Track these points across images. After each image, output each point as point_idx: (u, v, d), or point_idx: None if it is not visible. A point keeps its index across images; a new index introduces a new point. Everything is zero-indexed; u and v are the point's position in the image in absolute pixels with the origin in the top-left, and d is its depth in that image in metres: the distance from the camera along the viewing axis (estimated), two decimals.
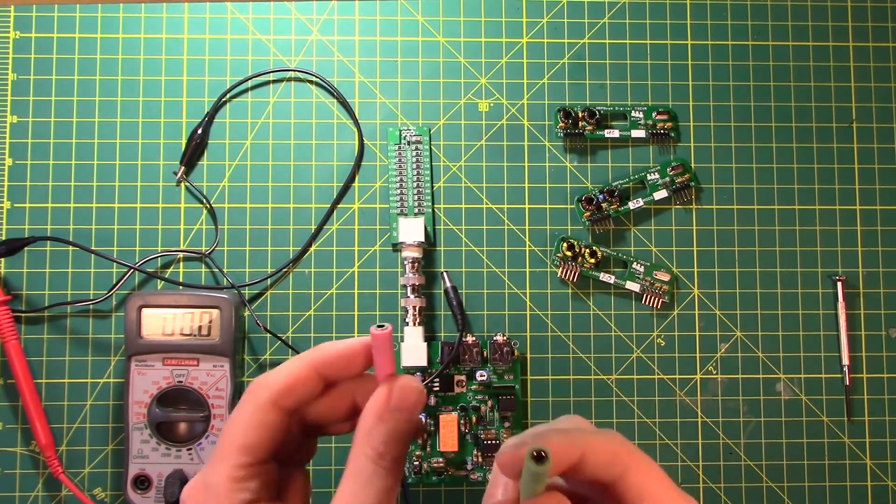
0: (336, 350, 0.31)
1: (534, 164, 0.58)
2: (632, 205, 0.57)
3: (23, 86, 0.57)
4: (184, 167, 0.56)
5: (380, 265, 0.57)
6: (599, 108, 0.58)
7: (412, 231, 0.55)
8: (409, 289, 0.55)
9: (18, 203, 0.56)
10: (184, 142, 0.57)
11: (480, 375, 0.54)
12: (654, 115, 0.58)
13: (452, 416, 0.54)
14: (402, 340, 0.54)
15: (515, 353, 0.55)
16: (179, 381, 0.52)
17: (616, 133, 0.58)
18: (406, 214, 0.57)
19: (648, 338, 0.57)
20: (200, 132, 0.57)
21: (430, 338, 0.56)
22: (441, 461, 0.54)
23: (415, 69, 0.58)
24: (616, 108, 0.58)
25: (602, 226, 0.57)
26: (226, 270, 0.56)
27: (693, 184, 0.57)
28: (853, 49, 0.59)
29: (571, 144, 0.58)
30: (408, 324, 0.54)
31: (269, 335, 0.56)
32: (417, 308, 0.54)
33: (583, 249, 0.56)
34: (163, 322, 0.52)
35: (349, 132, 0.58)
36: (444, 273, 0.57)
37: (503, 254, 0.57)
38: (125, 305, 0.53)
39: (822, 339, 0.57)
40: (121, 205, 0.56)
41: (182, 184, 0.57)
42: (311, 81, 0.58)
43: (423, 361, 0.54)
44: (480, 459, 0.54)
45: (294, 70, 0.58)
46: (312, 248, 0.57)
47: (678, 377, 0.57)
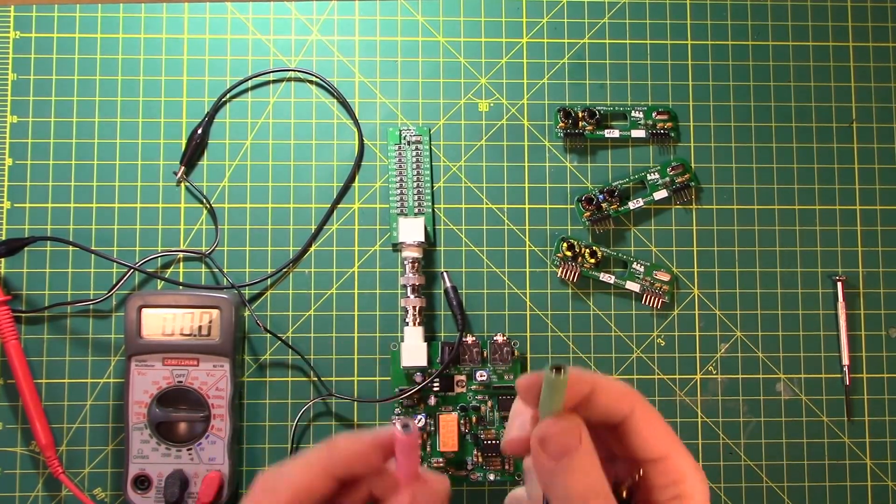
0: (351, 450, 0.29)
1: (534, 164, 0.58)
2: (632, 205, 0.57)
3: (23, 86, 0.57)
4: (184, 167, 0.56)
5: (380, 265, 0.57)
6: (599, 108, 0.58)
7: (412, 231, 0.55)
8: (409, 289, 0.55)
9: (18, 203, 0.56)
10: (184, 142, 0.57)
11: (480, 375, 0.54)
12: (654, 115, 0.58)
13: (452, 416, 0.54)
14: (402, 340, 0.54)
15: (515, 353, 0.55)
16: (179, 381, 0.52)
17: (616, 133, 0.58)
18: (406, 214, 0.57)
19: (648, 338, 0.57)
20: (200, 132, 0.57)
21: (430, 338, 0.56)
22: (441, 461, 0.54)
23: (415, 69, 0.58)
24: (616, 108, 0.58)
25: (602, 226, 0.57)
26: (226, 270, 0.56)
27: (693, 184, 0.57)
28: (853, 49, 0.59)
29: (571, 144, 0.58)
30: (408, 324, 0.54)
31: (269, 335, 0.56)
32: (417, 308, 0.54)
33: (583, 249, 0.56)
34: (163, 322, 0.52)
35: (349, 132, 0.58)
36: (444, 273, 0.56)
37: (503, 254, 0.57)
38: (125, 305, 0.53)
39: (822, 339, 0.57)
40: (121, 205, 0.56)
41: (182, 184, 0.57)
42: (311, 81, 0.58)
43: (423, 361, 0.54)
44: (480, 459, 0.54)
45: (294, 70, 0.58)
46: (312, 248, 0.57)
47: (678, 377, 0.57)
